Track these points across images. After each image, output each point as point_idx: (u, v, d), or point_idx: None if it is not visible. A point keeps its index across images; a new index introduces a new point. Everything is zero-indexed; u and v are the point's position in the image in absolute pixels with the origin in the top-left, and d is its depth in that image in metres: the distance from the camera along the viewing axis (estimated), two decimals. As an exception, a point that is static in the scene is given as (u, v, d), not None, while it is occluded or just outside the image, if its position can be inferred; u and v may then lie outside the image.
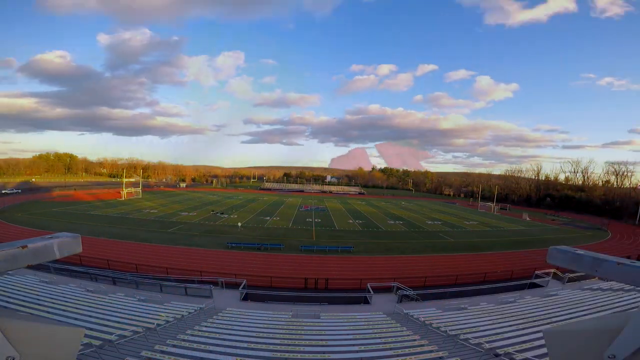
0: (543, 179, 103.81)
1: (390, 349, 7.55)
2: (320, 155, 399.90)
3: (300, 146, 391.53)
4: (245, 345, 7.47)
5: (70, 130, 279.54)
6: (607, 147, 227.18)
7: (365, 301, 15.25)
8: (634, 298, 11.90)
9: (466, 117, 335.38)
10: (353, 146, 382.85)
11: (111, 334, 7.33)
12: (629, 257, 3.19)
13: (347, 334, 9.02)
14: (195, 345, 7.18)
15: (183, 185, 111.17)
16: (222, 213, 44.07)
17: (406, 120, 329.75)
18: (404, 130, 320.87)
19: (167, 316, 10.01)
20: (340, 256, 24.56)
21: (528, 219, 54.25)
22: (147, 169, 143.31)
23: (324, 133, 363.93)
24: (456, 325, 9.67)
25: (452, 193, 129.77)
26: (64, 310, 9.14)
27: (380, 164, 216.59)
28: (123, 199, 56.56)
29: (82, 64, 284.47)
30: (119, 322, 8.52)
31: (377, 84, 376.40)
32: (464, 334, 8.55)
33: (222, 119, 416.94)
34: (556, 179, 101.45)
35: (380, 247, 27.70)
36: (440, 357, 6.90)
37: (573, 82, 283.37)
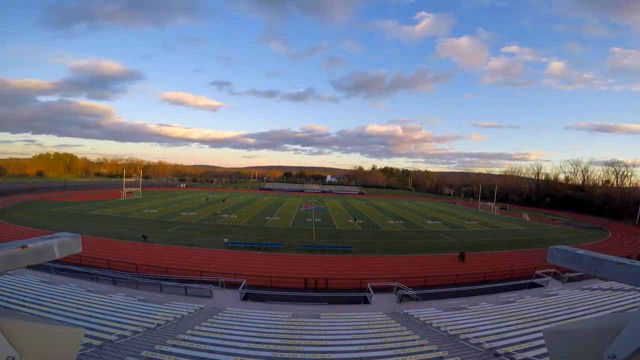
0: (543, 179, 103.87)
1: (390, 348, 7.54)
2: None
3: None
4: (245, 345, 7.47)
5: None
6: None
7: (365, 301, 15.25)
8: (634, 298, 11.90)
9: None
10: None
11: (111, 334, 7.33)
12: (629, 257, 3.19)
13: (347, 334, 9.01)
14: (195, 345, 7.18)
15: (183, 185, 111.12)
16: (222, 213, 44.11)
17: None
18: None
19: (167, 316, 10.01)
20: (340, 256, 24.56)
21: (528, 218, 54.25)
22: (147, 169, 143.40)
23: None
24: (456, 325, 9.67)
25: (452, 193, 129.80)
26: (64, 310, 9.14)
27: (380, 163, 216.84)
28: (123, 198, 56.58)
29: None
30: (119, 322, 8.52)
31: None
32: (464, 334, 8.54)
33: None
34: (556, 178, 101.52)
35: (380, 247, 27.70)
36: (440, 357, 6.90)
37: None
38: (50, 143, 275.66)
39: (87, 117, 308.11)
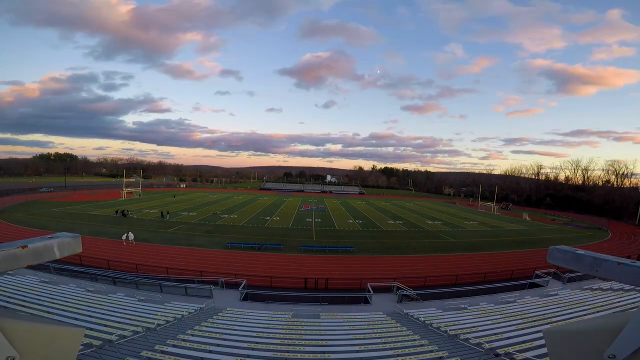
0: (543, 179, 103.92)
1: (390, 348, 7.55)
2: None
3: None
4: (245, 345, 7.47)
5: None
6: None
7: (365, 301, 15.25)
8: (634, 298, 11.90)
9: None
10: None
11: (111, 334, 7.34)
12: (629, 257, 3.18)
13: (347, 334, 9.02)
14: (195, 345, 7.19)
15: (183, 185, 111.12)
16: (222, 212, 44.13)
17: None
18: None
19: (167, 316, 10.02)
20: (340, 256, 24.56)
21: (528, 218, 54.25)
22: (147, 169, 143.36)
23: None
24: (456, 325, 9.68)
25: (452, 193, 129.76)
26: (64, 310, 9.15)
27: (380, 164, 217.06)
28: (123, 199, 56.59)
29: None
30: (119, 322, 8.53)
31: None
32: (464, 334, 8.55)
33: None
34: (556, 178, 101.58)
35: (380, 247, 27.70)
36: (440, 357, 6.91)
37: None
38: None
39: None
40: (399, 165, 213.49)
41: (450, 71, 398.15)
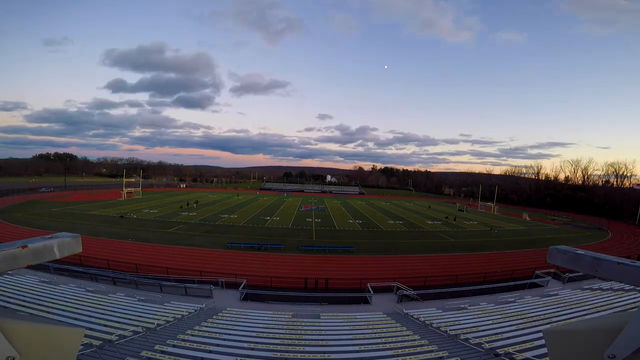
0: (543, 179, 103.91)
1: (390, 349, 7.55)
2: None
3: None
4: (245, 345, 7.47)
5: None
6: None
7: (365, 301, 15.25)
8: (634, 298, 11.90)
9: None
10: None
11: (111, 334, 7.34)
12: (629, 257, 3.18)
13: (347, 334, 9.02)
14: (195, 345, 7.19)
15: (183, 185, 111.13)
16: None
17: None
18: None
19: (167, 316, 10.01)
20: (340, 256, 24.55)
21: (528, 218, 54.25)
22: (147, 169, 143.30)
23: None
24: (456, 325, 9.68)
25: (452, 193, 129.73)
26: (64, 310, 9.14)
27: (380, 164, 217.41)
28: (123, 199, 56.59)
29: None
30: (119, 322, 8.53)
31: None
32: (464, 334, 8.55)
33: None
34: (556, 178, 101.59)
35: (380, 247, 27.70)
36: (440, 357, 6.91)
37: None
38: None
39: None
40: (399, 166, 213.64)
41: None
